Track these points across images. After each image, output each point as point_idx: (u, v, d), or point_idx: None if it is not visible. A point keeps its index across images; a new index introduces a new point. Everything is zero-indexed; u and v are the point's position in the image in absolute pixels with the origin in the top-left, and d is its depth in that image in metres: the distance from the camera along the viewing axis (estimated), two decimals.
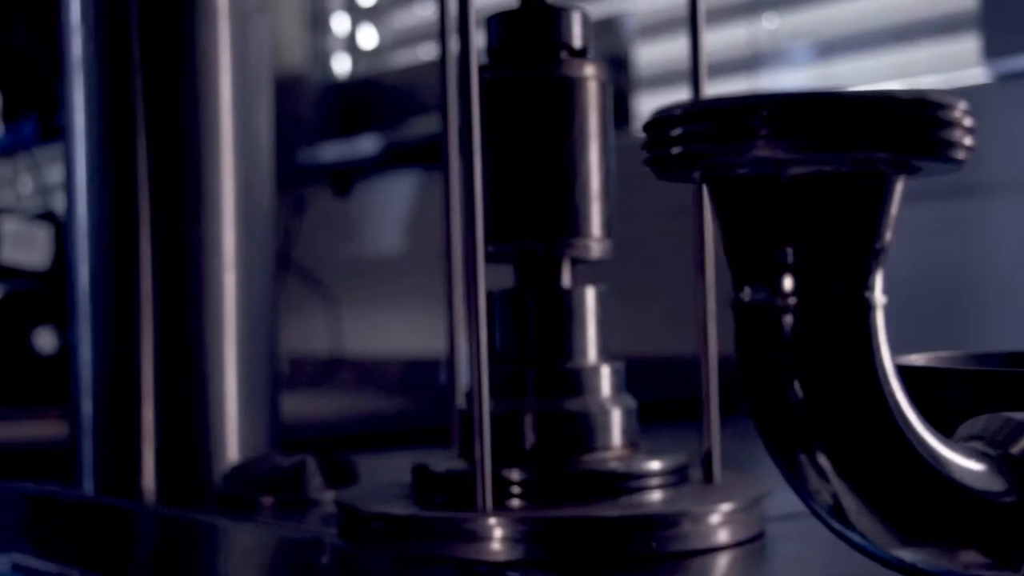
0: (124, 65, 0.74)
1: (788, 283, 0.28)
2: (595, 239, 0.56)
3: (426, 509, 0.53)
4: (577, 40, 0.57)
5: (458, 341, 0.62)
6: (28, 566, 0.80)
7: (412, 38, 1.95)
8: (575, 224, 0.56)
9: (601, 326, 0.57)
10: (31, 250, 1.26)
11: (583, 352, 0.56)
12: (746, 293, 0.29)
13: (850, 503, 0.29)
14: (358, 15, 1.98)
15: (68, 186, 0.76)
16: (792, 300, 0.28)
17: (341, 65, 1.99)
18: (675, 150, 0.28)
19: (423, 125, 1.74)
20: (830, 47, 1.40)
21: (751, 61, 1.45)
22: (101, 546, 0.72)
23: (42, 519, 0.76)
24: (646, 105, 1.53)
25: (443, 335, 1.68)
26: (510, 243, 0.56)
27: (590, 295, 0.57)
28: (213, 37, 0.75)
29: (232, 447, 0.75)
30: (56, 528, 0.75)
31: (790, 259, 0.28)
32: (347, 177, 1.82)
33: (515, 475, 0.54)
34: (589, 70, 0.56)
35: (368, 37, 1.98)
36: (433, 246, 1.73)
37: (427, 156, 1.71)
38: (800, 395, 0.28)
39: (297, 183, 1.77)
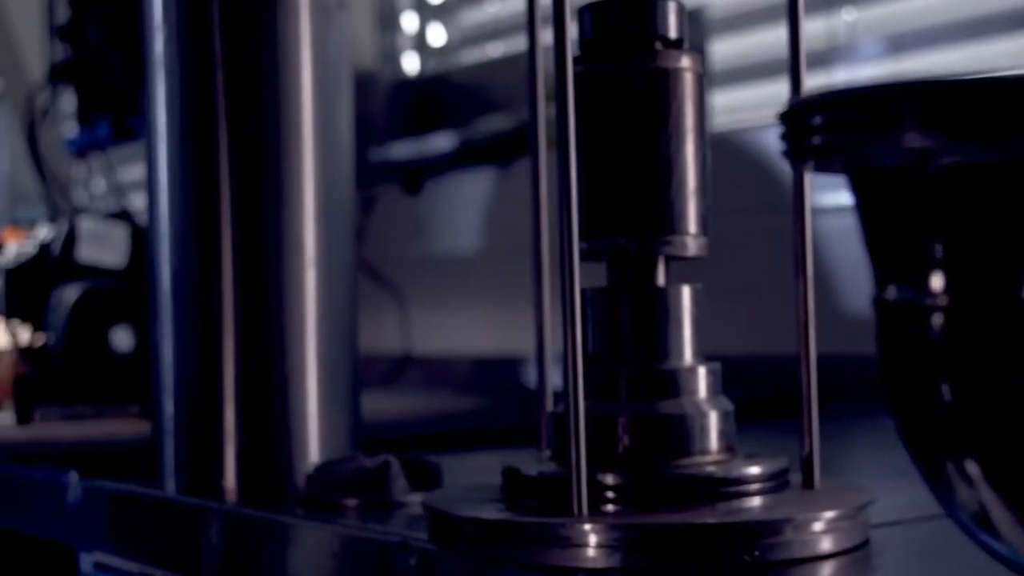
0: (206, 62, 0.74)
1: (937, 282, 0.26)
2: (692, 236, 0.55)
3: (519, 513, 0.52)
4: (672, 30, 0.55)
5: (546, 341, 0.60)
6: (110, 565, 0.80)
7: (481, 35, 1.94)
8: (671, 221, 0.54)
9: (697, 326, 0.55)
10: (108, 249, 1.26)
11: (679, 352, 0.55)
12: (890, 292, 0.27)
13: (1000, 514, 0.27)
14: (427, 13, 1.98)
15: (150, 184, 0.76)
16: (942, 300, 0.26)
17: (410, 63, 1.98)
18: (816, 140, 0.26)
19: (494, 122, 1.73)
20: (903, 41, 1.37)
21: (827, 55, 1.42)
22: (182, 546, 0.72)
23: (124, 518, 0.76)
24: (719, 101, 1.50)
25: (513, 334, 1.67)
26: (603, 240, 0.55)
27: (686, 294, 0.55)
28: (294, 33, 0.74)
29: (313, 448, 0.75)
30: (138, 528, 0.75)
31: (939, 256, 0.26)
32: (417, 175, 1.81)
33: (609, 479, 0.52)
34: (685, 61, 0.54)
35: (437, 35, 1.98)
36: (504, 245, 1.72)
37: (498, 154, 1.70)
38: (949, 400, 0.26)
39: (367, 182, 1.77)
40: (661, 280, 0.55)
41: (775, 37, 1.47)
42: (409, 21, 1.99)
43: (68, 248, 1.26)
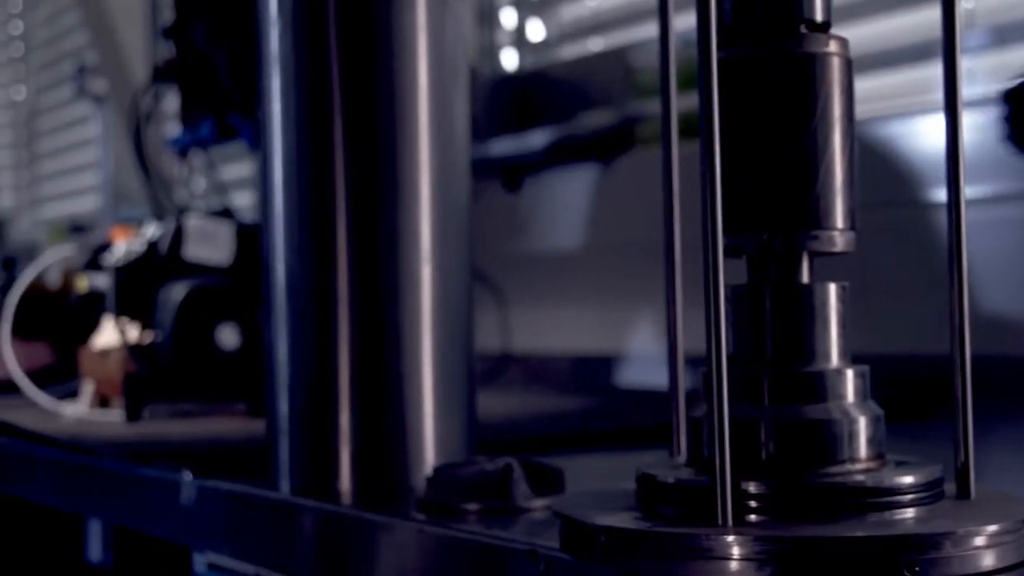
0: (321, 56, 0.72)
1: None
2: (839, 231, 0.51)
3: (656, 523, 0.49)
4: (818, 13, 0.52)
5: (678, 341, 0.57)
6: (224, 566, 0.79)
7: (581, 30, 1.91)
8: (818, 215, 0.51)
9: (844, 326, 0.52)
10: (214, 247, 1.27)
11: (825, 354, 0.51)
12: None
13: None
14: (526, 8, 1.96)
15: (263, 180, 0.75)
16: None
17: (509, 59, 1.96)
18: None
19: (594, 118, 1.71)
20: (1009, 32, 1.31)
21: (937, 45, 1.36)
22: (297, 549, 0.71)
23: (238, 519, 0.75)
24: None
25: (613, 332, 1.64)
26: (745, 236, 0.52)
27: (832, 291, 0.52)
28: (410, 23, 0.72)
29: (429, 449, 0.73)
30: (252, 529, 0.74)
31: None
32: (517, 172, 1.79)
33: (753, 488, 0.49)
34: (832, 45, 0.51)
35: (536, 30, 1.96)
36: (604, 242, 1.69)
37: (599, 150, 1.67)
38: None
39: None
40: (805, 277, 0.52)
41: (881, 28, 1.42)
42: (508, 17, 1.97)
43: (175, 246, 1.26)
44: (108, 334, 1.32)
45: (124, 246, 1.29)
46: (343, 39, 0.72)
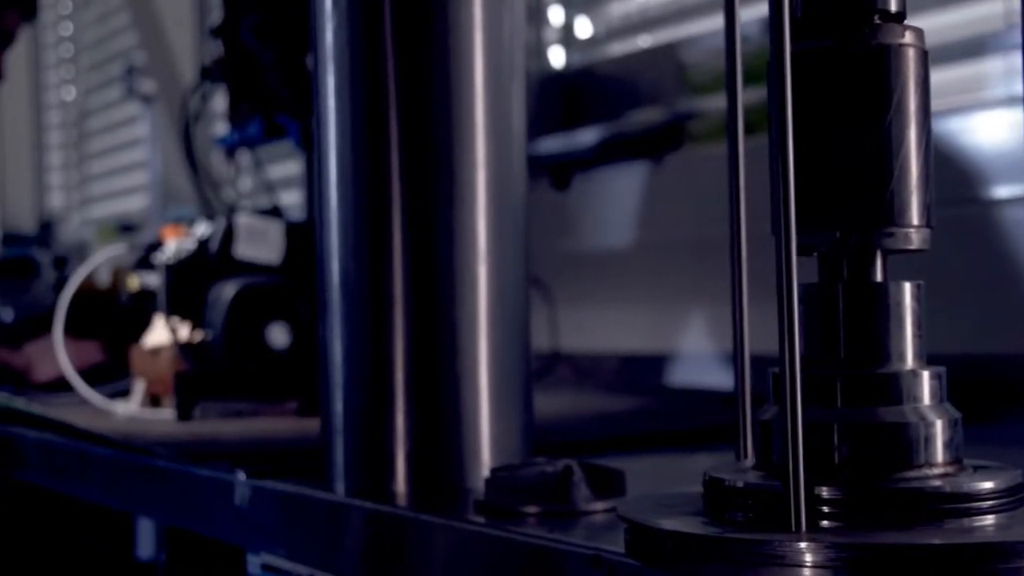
0: (377, 53, 0.71)
1: None
2: (915, 228, 0.50)
3: (726, 528, 0.48)
4: (892, 3, 0.50)
5: (744, 341, 0.56)
6: (278, 567, 0.78)
7: (629, 26, 1.90)
8: (893, 212, 0.49)
9: (919, 325, 0.50)
10: (264, 245, 1.26)
11: (900, 355, 0.50)
12: None
13: None
14: (573, 5, 1.94)
15: (319, 178, 0.74)
16: None
17: (557, 57, 1.95)
18: None
19: (644, 115, 1.69)
20: None
21: (1006, 37, 1.34)
22: (353, 551, 0.70)
23: (293, 520, 0.74)
24: None
25: (663, 331, 1.62)
26: (817, 233, 0.50)
27: (907, 290, 0.50)
28: (468, 20, 0.71)
29: (485, 450, 0.72)
30: (307, 530, 0.73)
31: None
32: (566, 171, 1.78)
33: (826, 493, 0.48)
34: (908, 36, 0.50)
35: (584, 27, 1.94)
36: (654, 240, 1.68)
37: (648, 147, 1.66)
38: None
39: None
40: (879, 275, 0.51)
41: (937, 23, 1.39)
42: (555, 14, 1.96)
43: (226, 245, 1.26)
44: (159, 333, 1.33)
45: (175, 245, 1.29)
46: (399, 35, 0.71)
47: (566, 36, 1.95)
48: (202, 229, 1.30)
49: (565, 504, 0.62)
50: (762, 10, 1.50)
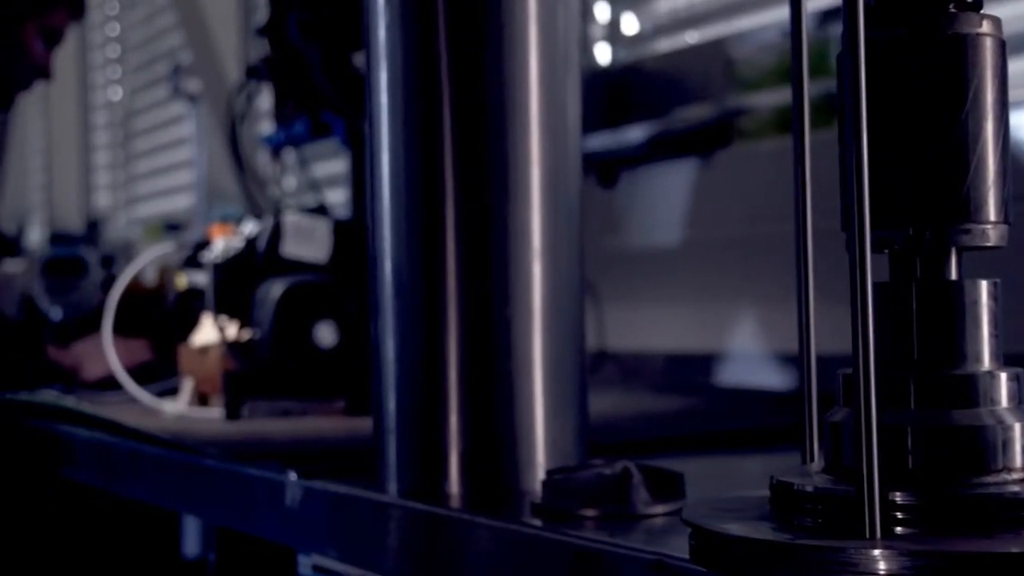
0: (430, 48, 0.70)
1: None
2: (992, 224, 0.48)
3: (796, 534, 0.46)
4: None
5: (811, 340, 0.54)
6: (330, 568, 0.78)
7: (676, 22, 1.88)
8: (970, 208, 0.48)
9: (996, 325, 0.49)
10: (311, 244, 1.26)
11: (976, 355, 0.48)
12: None
13: None
14: (619, 2, 1.93)
15: (371, 175, 0.73)
16: None
17: (603, 53, 1.93)
18: None
19: (692, 112, 1.67)
20: None
21: None
22: (407, 553, 0.69)
23: (345, 521, 0.73)
24: None
25: (710, 330, 1.59)
26: (890, 230, 0.48)
27: (983, 288, 0.49)
28: (522, 14, 0.70)
29: (540, 451, 0.71)
30: (359, 531, 0.72)
31: None
32: (613, 168, 1.76)
33: (900, 498, 0.46)
34: (985, 25, 0.48)
35: (630, 23, 1.93)
36: (702, 239, 1.66)
37: (697, 144, 1.64)
38: None
39: None
40: (953, 273, 0.49)
41: (1015, 11, 1.36)
42: (601, 10, 1.94)
43: (274, 244, 1.25)
44: (207, 332, 1.33)
45: (222, 244, 1.28)
46: (452, 30, 0.70)
47: (612, 32, 1.94)
48: (249, 228, 1.29)
49: (624, 507, 0.60)
50: (820, 1, 1.48)
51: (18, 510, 1.67)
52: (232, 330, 1.26)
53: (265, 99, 2.34)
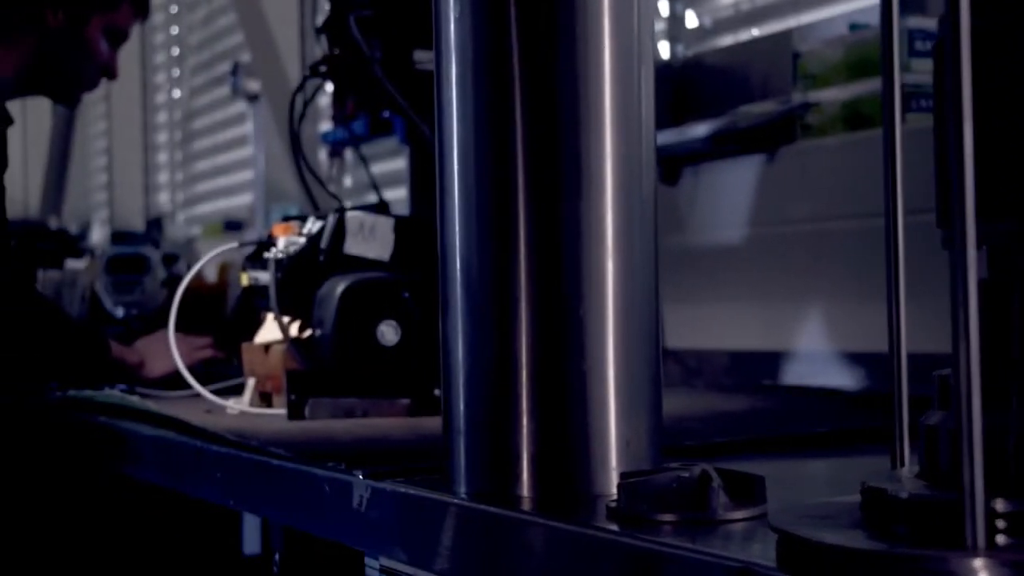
0: (501, 41, 0.69)
1: None
2: None
3: (891, 543, 0.44)
4: None
5: (902, 340, 0.52)
6: (398, 571, 0.76)
7: (738, 17, 1.85)
8: None
9: None
10: (374, 241, 1.25)
11: None
12: None
13: None
14: None
15: (440, 170, 0.72)
16: None
17: (663, 48, 1.91)
18: None
19: (756, 108, 1.64)
20: None
21: None
22: (476, 556, 0.68)
23: (414, 524, 0.72)
24: None
25: (773, 329, 1.56)
26: (988, 224, 0.46)
27: None
28: (596, 3, 0.68)
29: (613, 454, 0.69)
30: (428, 534, 0.71)
31: None
32: (675, 164, 1.74)
33: (1002, 506, 0.44)
34: None
35: (691, 18, 1.90)
36: (765, 236, 1.63)
37: (761, 141, 1.61)
38: None
39: None
40: None
41: None
42: (662, 5, 1.92)
43: (336, 242, 1.25)
44: (269, 330, 1.32)
45: (284, 242, 1.28)
46: (523, 22, 0.68)
47: (673, 27, 1.91)
48: (312, 226, 1.29)
49: (703, 512, 0.59)
50: None
51: (80, 507, 1.68)
52: (295, 328, 1.25)
53: (325, 97, 2.34)
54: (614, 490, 0.68)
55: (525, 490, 0.69)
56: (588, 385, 0.68)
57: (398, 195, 2.13)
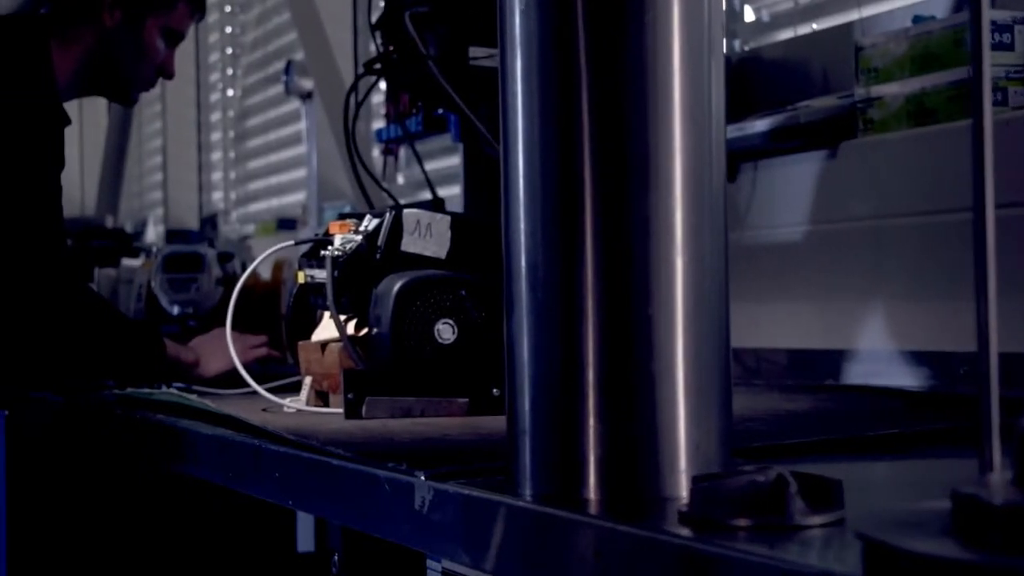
0: (567, 33, 0.67)
1: None
2: None
3: (988, 553, 0.42)
4: None
5: (991, 339, 0.50)
6: (460, 573, 0.75)
7: (796, 10, 1.82)
8: None
9: None
10: (431, 239, 1.24)
11: None
12: None
13: None
14: None
15: (504, 166, 0.71)
16: None
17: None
18: None
19: (817, 103, 1.61)
20: None
21: None
22: (542, 561, 0.66)
23: (477, 526, 0.71)
24: None
25: (836, 328, 1.53)
26: None
27: None
28: None
29: (682, 456, 0.67)
30: (492, 537, 0.70)
31: None
32: (732, 161, 1.71)
33: None
34: None
35: (748, 12, 1.87)
36: (826, 233, 1.60)
37: (821, 136, 1.58)
38: None
39: None
40: None
41: None
42: None
43: (393, 239, 1.24)
44: (326, 328, 1.32)
45: (341, 239, 1.27)
46: (590, 13, 0.67)
47: (730, 21, 1.89)
48: (369, 223, 1.28)
49: (779, 517, 0.57)
50: None
51: (136, 505, 1.69)
52: (351, 327, 1.25)
53: (379, 95, 2.34)
54: (683, 493, 0.66)
55: (591, 493, 0.67)
56: (657, 386, 0.67)
57: (450, 193, 2.12)
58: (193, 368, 1.63)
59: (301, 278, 1.34)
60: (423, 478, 0.76)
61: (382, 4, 1.72)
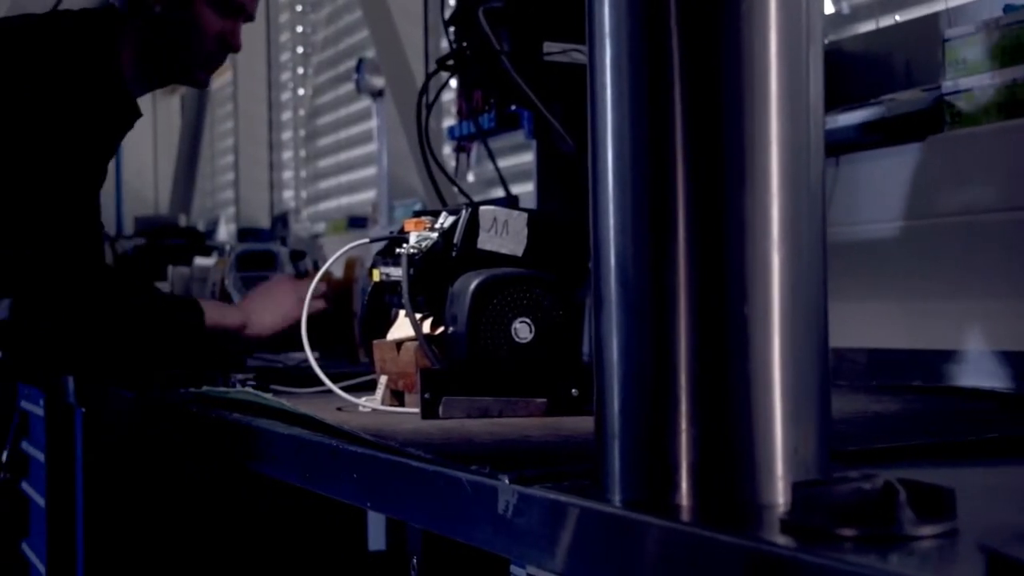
0: (658, 23, 0.65)
1: None
2: None
3: None
4: None
5: None
6: None
7: (876, 3, 1.77)
8: None
9: None
10: (507, 237, 1.22)
11: None
12: None
13: None
14: None
15: (593, 160, 0.68)
16: None
17: None
18: None
19: (901, 95, 1.57)
20: None
21: None
22: (632, 569, 0.64)
23: (564, 532, 0.69)
24: None
25: (925, 328, 1.48)
26: None
27: None
28: None
29: (779, 462, 0.64)
30: (579, 544, 0.67)
31: None
32: None
33: None
34: None
35: (827, 4, 1.83)
36: (914, 229, 1.56)
37: (907, 130, 1.54)
38: None
39: None
40: None
41: None
42: None
43: (469, 237, 1.22)
44: (401, 327, 1.30)
45: (416, 237, 1.26)
46: (682, 1, 0.64)
47: None
48: (444, 221, 1.26)
49: (888, 527, 0.54)
50: None
51: (211, 502, 1.69)
52: (427, 325, 1.23)
53: (451, 93, 2.33)
54: (779, 500, 0.64)
55: (684, 499, 0.65)
56: (752, 388, 0.64)
57: (523, 190, 2.10)
58: (240, 331, 1.60)
59: (376, 276, 1.32)
60: (507, 482, 0.74)
61: (454, 1, 1.70)
